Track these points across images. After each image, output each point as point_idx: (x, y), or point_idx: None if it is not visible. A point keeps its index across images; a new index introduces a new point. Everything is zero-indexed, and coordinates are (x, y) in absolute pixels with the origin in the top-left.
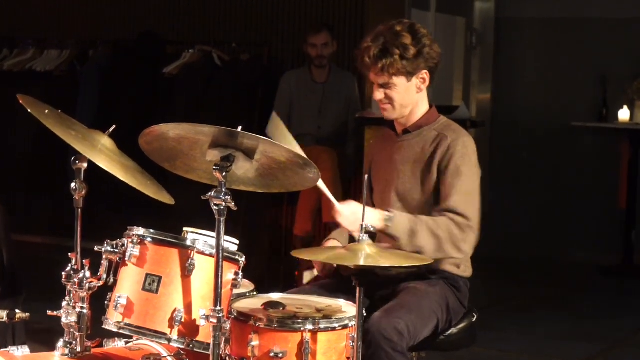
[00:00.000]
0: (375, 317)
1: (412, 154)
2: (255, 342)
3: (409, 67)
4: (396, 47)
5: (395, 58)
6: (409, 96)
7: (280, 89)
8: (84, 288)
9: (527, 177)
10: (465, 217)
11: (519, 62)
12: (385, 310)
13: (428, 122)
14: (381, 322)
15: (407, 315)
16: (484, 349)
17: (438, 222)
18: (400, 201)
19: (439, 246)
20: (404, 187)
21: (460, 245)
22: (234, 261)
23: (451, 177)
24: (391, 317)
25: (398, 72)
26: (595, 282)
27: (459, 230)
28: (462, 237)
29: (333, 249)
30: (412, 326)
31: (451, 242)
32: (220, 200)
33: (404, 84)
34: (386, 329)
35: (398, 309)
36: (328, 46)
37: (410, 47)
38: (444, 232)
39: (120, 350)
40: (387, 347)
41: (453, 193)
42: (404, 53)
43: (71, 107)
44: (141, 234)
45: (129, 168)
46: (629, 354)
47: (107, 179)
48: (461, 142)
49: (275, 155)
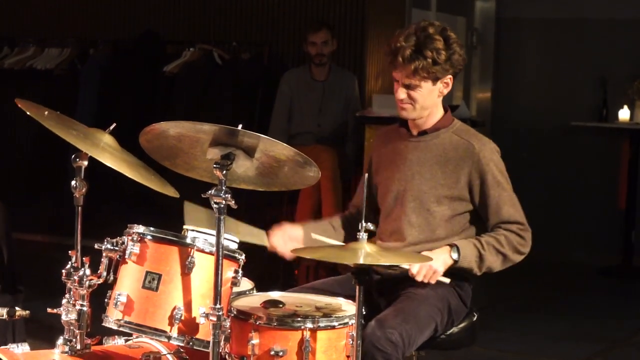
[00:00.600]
0: (370, 327)
1: (430, 155)
2: (255, 340)
3: (438, 72)
4: (430, 51)
5: (428, 62)
6: (431, 99)
7: (280, 88)
8: (84, 286)
9: (527, 177)
10: (519, 222)
11: (519, 61)
12: (380, 320)
13: (445, 124)
14: (374, 332)
15: (402, 325)
16: (484, 349)
17: (500, 239)
18: (414, 201)
19: (504, 260)
20: (421, 188)
21: (522, 249)
22: (233, 259)
23: (493, 189)
24: (385, 327)
25: (428, 76)
26: (594, 282)
27: (518, 237)
28: (522, 243)
29: (332, 247)
30: (407, 336)
31: (514, 251)
32: (221, 198)
33: (429, 87)
34: (379, 340)
35: (392, 318)
36: (328, 44)
37: (442, 51)
38: (507, 247)
39: (120, 347)
40: (381, 358)
41: (502, 205)
42: (436, 57)
43: (71, 106)
44: (141, 231)
45: (132, 164)
46: (629, 354)
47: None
48: (488, 149)
49: (276, 153)
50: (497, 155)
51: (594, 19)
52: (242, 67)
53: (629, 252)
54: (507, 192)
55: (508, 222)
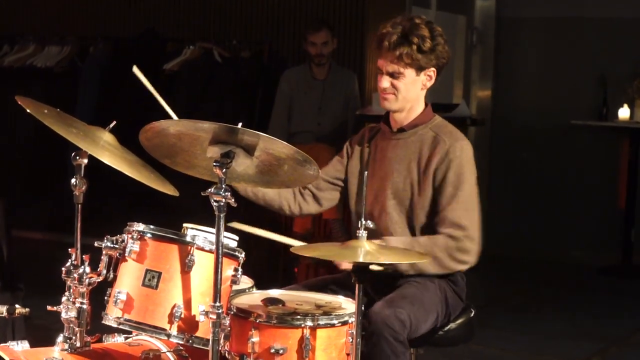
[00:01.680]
0: (377, 306)
1: (408, 152)
2: (255, 338)
3: (422, 61)
4: (415, 37)
5: (413, 48)
6: (414, 90)
7: (280, 86)
8: (83, 283)
9: (527, 176)
10: (463, 227)
11: (520, 60)
12: (387, 301)
13: (423, 120)
14: (383, 310)
15: (409, 306)
16: (482, 347)
17: (435, 240)
18: (394, 198)
19: (439, 265)
20: (398, 186)
21: (461, 257)
22: (233, 257)
23: (451, 186)
24: (394, 306)
25: (412, 63)
26: (594, 281)
27: (456, 243)
28: (461, 250)
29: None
30: (414, 317)
31: (450, 257)
32: (220, 196)
33: (412, 77)
34: (389, 317)
35: (399, 299)
36: (328, 45)
37: (427, 40)
38: (441, 251)
39: (120, 345)
40: (389, 335)
41: (452, 202)
42: (421, 44)
43: (71, 103)
44: (141, 229)
45: (132, 162)
46: (628, 353)
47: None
48: (458, 147)
49: (276, 151)
50: (466, 153)
51: (594, 18)
52: (242, 65)
53: (629, 251)
54: (463, 193)
55: (452, 223)
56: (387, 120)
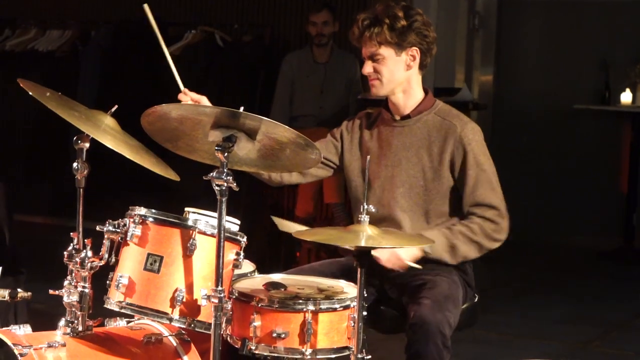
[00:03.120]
0: (427, 307)
1: (415, 140)
2: (257, 322)
3: (397, 38)
4: (386, 17)
5: (384, 27)
6: (397, 71)
7: (281, 70)
8: (85, 267)
9: (529, 160)
10: (495, 207)
11: (522, 44)
12: (435, 302)
13: (427, 107)
14: (435, 315)
15: (454, 309)
16: (484, 331)
17: (472, 227)
18: (404, 186)
19: (479, 248)
20: (409, 174)
21: (497, 236)
22: (235, 241)
23: (472, 169)
24: (443, 310)
25: (385, 41)
26: (595, 265)
27: (492, 224)
28: (496, 230)
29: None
30: (456, 320)
31: (488, 239)
32: (222, 180)
33: (393, 57)
34: (442, 322)
35: (444, 300)
36: (328, 25)
37: (400, 18)
38: (480, 235)
39: (122, 329)
40: (439, 342)
41: (478, 186)
42: (393, 22)
43: (73, 87)
44: (143, 213)
45: (134, 147)
46: (629, 337)
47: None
48: (470, 129)
49: (277, 136)
50: (479, 135)
51: (596, 2)
52: (244, 49)
53: (630, 235)
54: (485, 174)
55: (482, 205)
56: (387, 106)
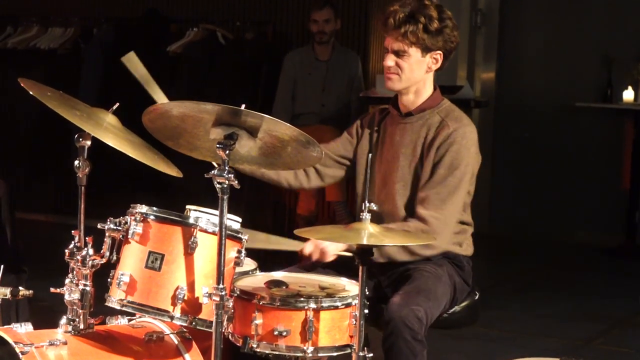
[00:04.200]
0: (395, 303)
1: (415, 137)
2: (258, 320)
3: (428, 41)
4: (422, 16)
5: (419, 26)
6: (418, 71)
7: (284, 68)
8: (87, 265)
9: (531, 157)
10: (441, 209)
11: (524, 42)
12: (404, 297)
13: (431, 105)
14: (401, 309)
15: (426, 302)
16: (485, 328)
17: (408, 230)
18: (400, 182)
19: (409, 252)
20: (404, 170)
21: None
22: (236, 239)
23: (443, 168)
24: (411, 304)
25: (417, 42)
26: (597, 262)
27: (427, 227)
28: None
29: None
30: (430, 313)
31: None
32: (224, 178)
33: (418, 58)
34: (408, 316)
35: (415, 294)
36: (330, 23)
37: (435, 20)
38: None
39: (123, 327)
40: (408, 335)
41: (438, 184)
42: (428, 24)
43: (75, 85)
44: (144, 211)
45: (136, 144)
46: (631, 334)
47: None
48: (461, 132)
49: (279, 133)
50: (468, 141)
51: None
52: (246, 47)
53: (632, 232)
54: (452, 180)
55: (431, 204)
56: (396, 103)
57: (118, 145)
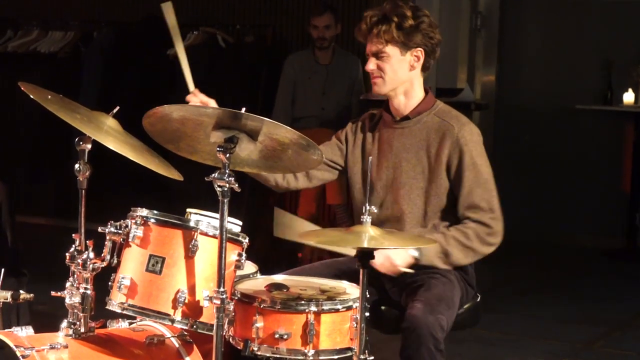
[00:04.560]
0: (418, 310)
1: (414, 141)
2: (259, 323)
3: (403, 37)
4: (395, 15)
5: (392, 25)
6: (401, 71)
7: (284, 71)
8: (87, 269)
9: (531, 160)
10: (490, 209)
11: (524, 44)
12: (427, 304)
13: (426, 107)
14: (427, 318)
15: (447, 311)
16: (486, 331)
17: (466, 232)
18: (404, 188)
19: (474, 254)
20: (409, 175)
21: (491, 240)
22: (237, 242)
23: (468, 170)
24: (435, 312)
25: (392, 40)
26: (598, 265)
27: (487, 228)
28: (491, 233)
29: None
30: (450, 321)
31: (482, 244)
32: (224, 181)
33: (397, 56)
34: (433, 326)
35: (437, 302)
36: (330, 28)
37: (408, 18)
38: (475, 241)
39: (124, 331)
40: (431, 345)
41: (475, 187)
42: (401, 21)
43: (75, 89)
44: (144, 215)
45: (136, 147)
46: (632, 337)
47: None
48: (467, 131)
49: (279, 136)
50: (476, 137)
51: (598, 2)
52: (246, 50)
53: (633, 235)
54: (482, 176)
55: (478, 208)
56: (388, 108)
57: (118, 149)
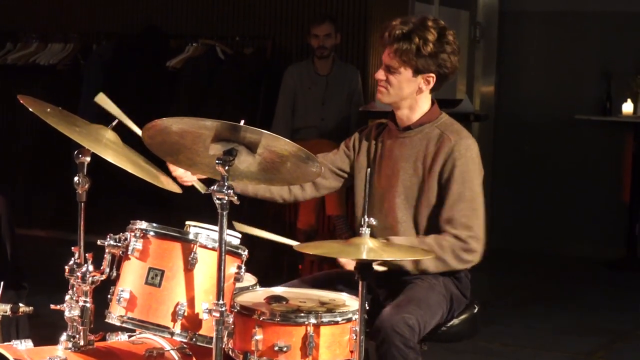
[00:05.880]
0: (386, 312)
1: (414, 151)
2: (259, 336)
3: (419, 63)
4: (418, 37)
5: (412, 47)
6: (408, 89)
7: (283, 82)
8: (86, 282)
9: (530, 170)
10: (470, 227)
11: (523, 55)
12: (395, 306)
13: (430, 119)
14: (392, 317)
15: (417, 310)
16: (486, 342)
17: (442, 243)
18: (401, 197)
19: (444, 265)
20: (405, 184)
21: (466, 257)
22: (236, 255)
23: (456, 184)
24: (402, 312)
25: (408, 62)
26: (598, 275)
27: (463, 244)
28: (467, 251)
29: (335, 243)
30: (422, 321)
31: (456, 259)
32: (223, 194)
33: (408, 77)
34: (398, 324)
35: (406, 303)
36: (330, 37)
37: (430, 43)
38: (448, 254)
39: (124, 344)
40: (399, 342)
41: (458, 202)
42: (422, 46)
43: (74, 101)
44: (144, 227)
45: (135, 160)
46: (632, 347)
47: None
48: (464, 145)
49: (278, 149)
50: (472, 152)
51: (597, 12)
52: (245, 61)
53: (633, 245)
54: (469, 193)
55: (457, 223)
56: (394, 117)
57: (117, 162)
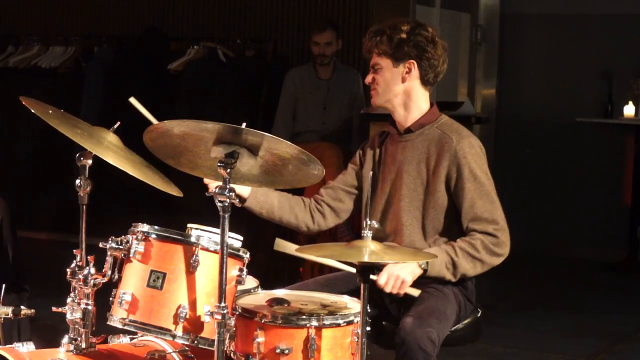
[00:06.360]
0: (408, 324)
1: (416, 153)
2: (260, 338)
3: (393, 49)
4: (389, 29)
5: (384, 38)
6: (393, 82)
7: (284, 85)
8: (88, 284)
9: (532, 173)
10: (495, 221)
11: (524, 57)
12: (417, 318)
13: (429, 120)
14: (416, 331)
15: (438, 324)
16: (488, 345)
17: (474, 243)
18: (405, 200)
19: (482, 265)
20: (409, 187)
21: (499, 251)
22: (238, 257)
23: (469, 183)
24: (424, 325)
25: (384, 52)
26: (599, 278)
27: (493, 239)
28: (498, 244)
29: (336, 246)
30: (442, 334)
31: (491, 255)
32: (225, 196)
33: (390, 68)
34: (422, 339)
35: (427, 315)
36: (331, 45)
37: (402, 32)
38: (483, 252)
39: (125, 346)
40: (421, 358)
41: (477, 199)
42: (392, 34)
43: (76, 104)
44: (146, 230)
45: (136, 163)
46: (634, 350)
47: (112, 175)
48: (466, 143)
49: (280, 151)
50: (476, 149)
51: (598, 15)
52: (247, 64)
53: (634, 248)
54: (483, 187)
55: (482, 219)
56: (393, 122)
57: (119, 164)
